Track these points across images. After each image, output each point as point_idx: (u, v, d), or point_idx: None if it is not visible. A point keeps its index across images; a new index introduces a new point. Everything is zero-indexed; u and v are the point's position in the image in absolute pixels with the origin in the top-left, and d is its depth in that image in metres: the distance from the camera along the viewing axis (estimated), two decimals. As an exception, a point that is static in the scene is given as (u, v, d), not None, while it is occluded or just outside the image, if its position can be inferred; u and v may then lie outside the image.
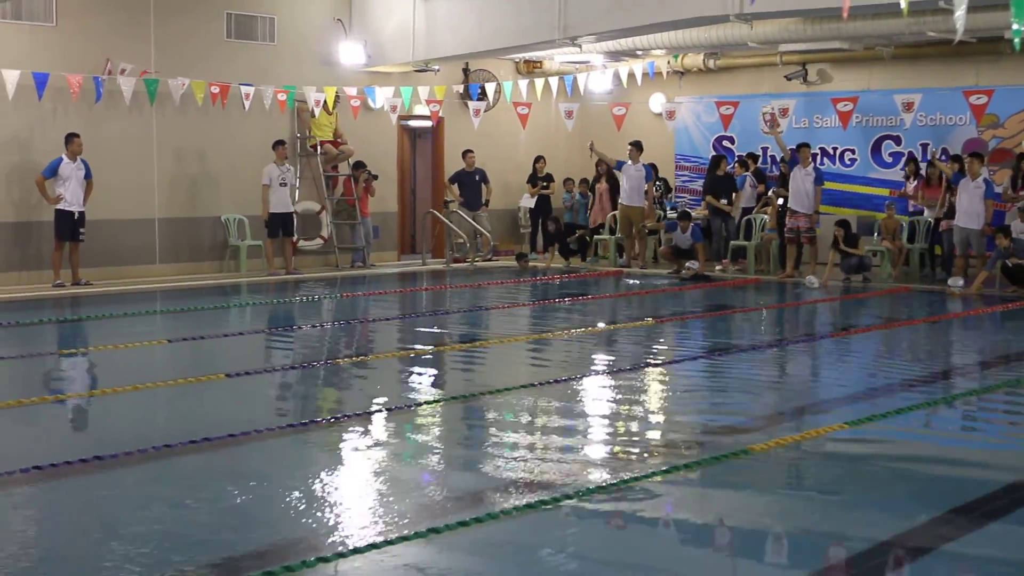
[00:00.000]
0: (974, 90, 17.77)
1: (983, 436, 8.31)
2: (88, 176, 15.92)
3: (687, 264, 18.13)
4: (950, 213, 16.86)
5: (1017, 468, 7.05)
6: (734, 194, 19.24)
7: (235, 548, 5.44)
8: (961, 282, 15.86)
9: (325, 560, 5.23)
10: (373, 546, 5.42)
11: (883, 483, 6.83)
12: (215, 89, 17.22)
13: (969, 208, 16.28)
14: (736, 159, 19.95)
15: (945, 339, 12.91)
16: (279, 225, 17.83)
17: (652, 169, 19.61)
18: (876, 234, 17.91)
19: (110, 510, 6.11)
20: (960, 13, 6.75)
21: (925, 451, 7.70)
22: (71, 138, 15.78)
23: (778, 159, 19.34)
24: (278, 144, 17.83)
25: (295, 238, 18.30)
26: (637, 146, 19.31)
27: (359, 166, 19.21)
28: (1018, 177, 16.87)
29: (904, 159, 18.50)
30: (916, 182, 17.98)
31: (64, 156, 15.70)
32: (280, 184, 17.71)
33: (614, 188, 20.43)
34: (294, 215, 18.11)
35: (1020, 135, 17.95)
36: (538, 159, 21.26)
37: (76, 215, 15.78)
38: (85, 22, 16.47)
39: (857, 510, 6.24)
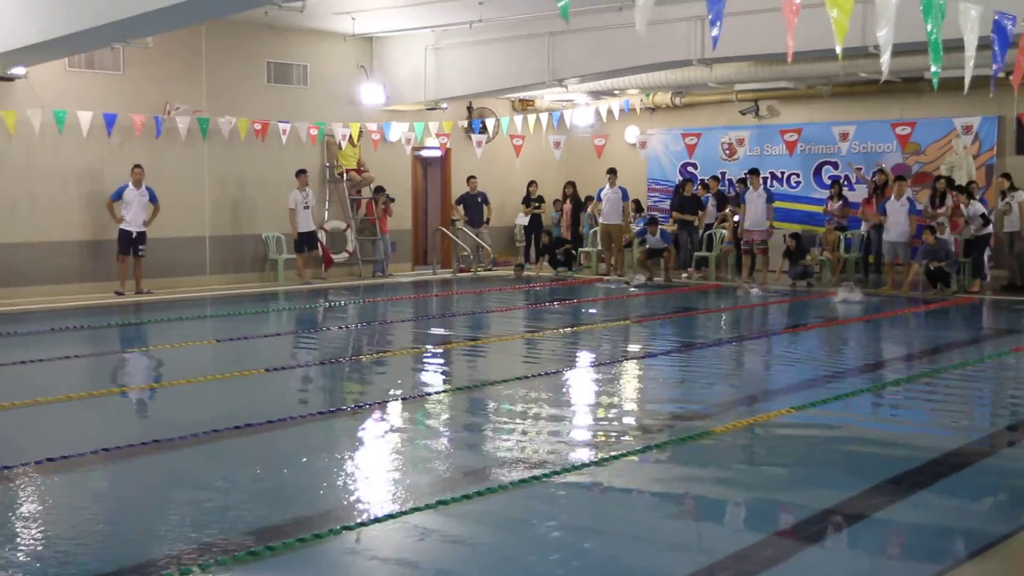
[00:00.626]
0: (900, 122, 17.80)
1: (908, 419, 8.26)
2: (153, 200, 15.81)
3: (635, 278, 17.79)
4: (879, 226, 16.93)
5: (937, 447, 6.99)
6: (700, 212, 19.23)
7: (272, 519, 5.40)
8: (841, 296, 15.64)
9: (349, 528, 5.20)
10: (390, 516, 5.38)
11: (824, 459, 6.81)
12: (257, 126, 17.21)
13: (896, 223, 16.25)
14: (700, 182, 19.93)
15: (876, 335, 12.85)
16: (305, 242, 17.76)
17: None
18: (818, 246, 17.89)
19: (165, 486, 6.08)
20: (886, 57, 6.75)
21: (859, 432, 7.66)
22: (134, 168, 15.73)
23: (735, 182, 19.36)
24: (300, 173, 17.70)
25: (319, 252, 18.15)
26: (612, 172, 19.32)
27: (379, 191, 19.17)
28: (936, 196, 16.83)
29: (831, 183, 18.48)
30: (840, 201, 17.97)
31: (129, 183, 15.67)
32: (304, 207, 17.62)
33: (576, 208, 20.95)
34: (316, 232, 18.00)
35: (939, 160, 17.94)
36: (531, 183, 21.23)
37: (135, 234, 15.64)
38: (147, 70, 16.43)
39: (803, 482, 6.22)
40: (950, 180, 16.88)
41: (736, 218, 18.28)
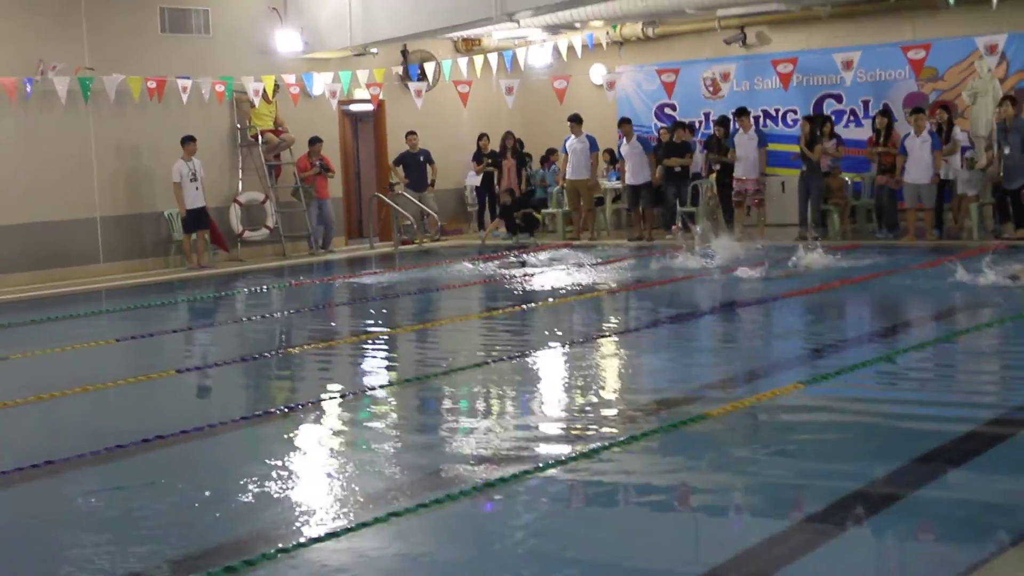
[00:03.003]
0: (912, 45, 17.85)
1: (932, 391, 8.32)
2: None
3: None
4: (882, 170, 17.02)
5: (966, 419, 7.06)
6: (688, 155, 19.18)
7: (193, 544, 5.38)
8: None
9: (285, 551, 5.18)
10: (332, 535, 5.37)
11: (840, 438, 6.87)
12: (152, 84, 17.06)
13: (918, 162, 16.34)
14: (673, 124, 19.88)
15: (895, 295, 12.89)
16: (193, 221, 17.52)
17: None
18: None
19: (64, 513, 6.03)
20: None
21: (876, 406, 7.71)
22: None
23: (713, 123, 19.37)
24: (187, 140, 17.43)
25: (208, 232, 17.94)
26: (576, 119, 19.33)
27: (315, 142, 19.10)
28: (940, 130, 16.84)
29: (799, 119, 18.47)
30: (833, 139, 17.89)
31: None
32: (190, 180, 17.38)
33: (520, 163, 20.90)
34: (206, 209, 17.68)
35: (959, 87, 18.07)
36: (482, 136, 21.21)
37: None
38: (14, 22, 16.21)
39: (818, 466, 6.27)
40: (948, 108, 17.05)
41: (716, 167, 18.45)
